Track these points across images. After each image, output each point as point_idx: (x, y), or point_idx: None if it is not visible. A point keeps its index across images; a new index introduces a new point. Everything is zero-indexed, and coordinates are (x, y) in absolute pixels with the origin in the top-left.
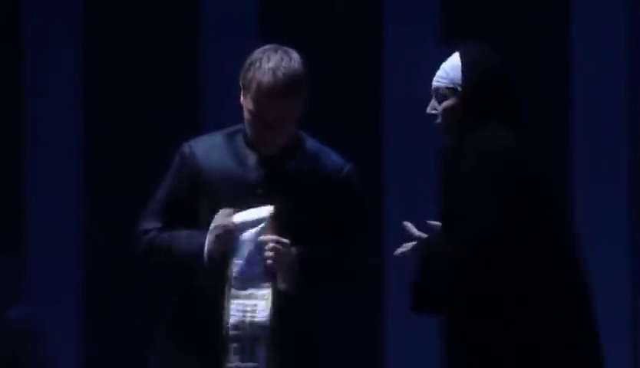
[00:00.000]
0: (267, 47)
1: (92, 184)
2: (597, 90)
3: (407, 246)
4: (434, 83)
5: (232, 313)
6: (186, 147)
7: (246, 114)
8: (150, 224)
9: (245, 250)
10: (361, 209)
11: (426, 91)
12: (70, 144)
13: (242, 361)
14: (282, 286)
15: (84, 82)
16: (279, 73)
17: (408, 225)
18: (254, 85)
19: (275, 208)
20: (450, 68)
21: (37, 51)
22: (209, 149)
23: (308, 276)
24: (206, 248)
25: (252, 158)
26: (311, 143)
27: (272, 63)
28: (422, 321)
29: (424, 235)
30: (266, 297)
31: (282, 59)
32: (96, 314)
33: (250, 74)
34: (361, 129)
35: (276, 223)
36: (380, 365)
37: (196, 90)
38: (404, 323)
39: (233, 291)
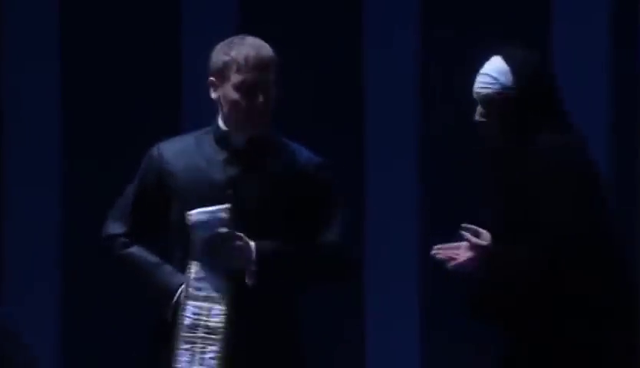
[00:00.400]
0: (230, 38)
1: (71, 184)
2: (576, 91)
3: (461, 255)
4: (481, 90)
5: (187, 314)
6: (155, 149)
7: (229, 101)
8: (117, 228)
9: (202, 250)
10: (338, 203)
11: (404, 85)
12: (50, 144)
13: (191, 364)
14: (247, 281)
15: (62, 81)
16: (261, 47)
17: (468, 234)
18: (240, 61)
19: (232, 208)
20: (499, 73)
21: (15, 50)
22: (178, 150)
23: (272, 269)
24: (173, 304)
25: (221, 156)
26: (282, 140)
27: (249, 41)
28: (402, 317)
29: (483, 243)
30: (223, 299)
31: (254, 39)
32: (75, 315)
33: (229, 57)
34: (342, 126)
35: (233, 221)
36: (361, 362)
37: (176, 90)
38: (384, 320)
39: (190, 292)
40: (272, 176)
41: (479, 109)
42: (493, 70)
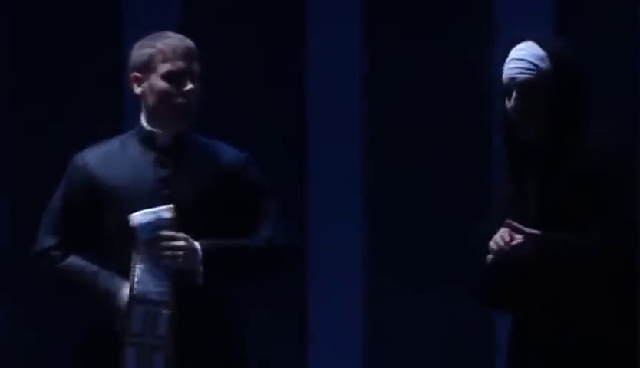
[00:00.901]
0: (150, 35)
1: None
2: None
3: (505, 242)
4: (519, 76)
5: (134, 321)
6: (79, 157)
7: (156, 91)
8: (49, 240)
9: (146, 252)
10: (268, 196)
11: (348, 85)
12: None
13: None
14: (191, 280)
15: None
16: (186, 39)
17: (514, 222)
18: (167, 51)
19: (176, 207)
20: (537, 59)
21: None
22: (103, 156)
23: (219, 267)
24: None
25: (149, 158)
26: (203, 138)
27: (171, 34)
28: (345, 309)
29: (535, 232)
30: (168, 303)
31: (175, 33)
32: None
33: (155, 49)
34: (284, 123)
35: (177, 221)
36: (304, 355)
37: (117, 93)
38: (327, 310)
39: (136, 295)
40: (202, 174)
41: (514, 96)
42: (531, 56)
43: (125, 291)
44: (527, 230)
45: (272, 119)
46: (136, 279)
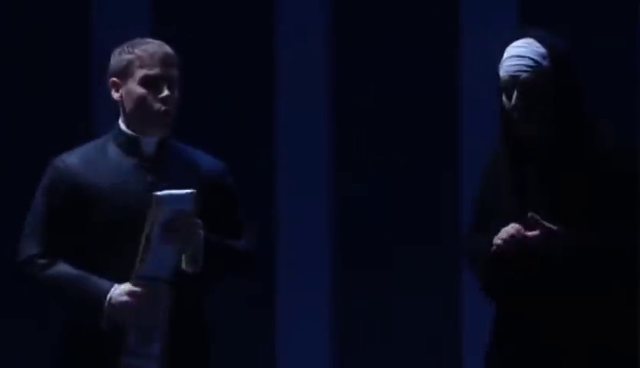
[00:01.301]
0: (130, 41)
1: None
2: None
3: (520, 234)
4: (521, 74)
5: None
6: (59, 162)
7: (134, 97)
8: (33, 248)
9: (166, 224)
10: (240, 206)
11: (316, 84)
12: None
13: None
14: (187, 268)
15: None
16: (164, 45)
17: (536, 215)
18: (145, 56)
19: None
20: (537, 56)
21: None
22: (83, 160)
23: (211, 257)
24: (106, 307)
25: (130, 163)
26: (179, 144)
27: (151, 40)
28: (314, 319)
29: (554, 227)
30: (172, 284)
31: (155, 40)
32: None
33: (133, 55)
34: (253, 129)
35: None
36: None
37: (85, 93)
38: (295, 321)
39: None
40: (185, 180)
41: (516, 95)
42: (532, 53)
43: (118, 290)
44: (547, 225)
45: (240, 124)
46: (147, 258)
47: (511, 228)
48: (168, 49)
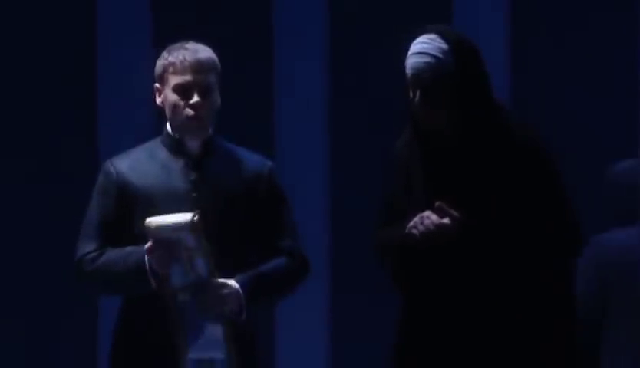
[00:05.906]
0: (173, 44)
1: None
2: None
3: (434, 223)
4: (420, 72)
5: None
6: (109, 166)
7: (169, 104)
8: (85, 248)
9: (190, 305)
10: (287, 205)
11: (314, 81)
12: None
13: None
14: (234, 319)
15: None
16: (199, 51)
17: (443, 204)
18: (176, 63)
19: (198, 214)
20: (439, 52)
21: None
22: (132, 164)
23: (259, 301)
24: (147, 265)
25: (178, 164)
26: (226, 143)
27: (188, 45)
28: (313, 319)
29: (458, 215)
30: (220, 337)
31: (195, 44)
32: None
33: (167, 61)
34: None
35: (202, 228)
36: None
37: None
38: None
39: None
40: (230, 179)
41: (418, 92)
42: (433, 49)
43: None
44: (454, 213)
45: (240, 124)
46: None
47: (426, 218)
48: (202, 55)
